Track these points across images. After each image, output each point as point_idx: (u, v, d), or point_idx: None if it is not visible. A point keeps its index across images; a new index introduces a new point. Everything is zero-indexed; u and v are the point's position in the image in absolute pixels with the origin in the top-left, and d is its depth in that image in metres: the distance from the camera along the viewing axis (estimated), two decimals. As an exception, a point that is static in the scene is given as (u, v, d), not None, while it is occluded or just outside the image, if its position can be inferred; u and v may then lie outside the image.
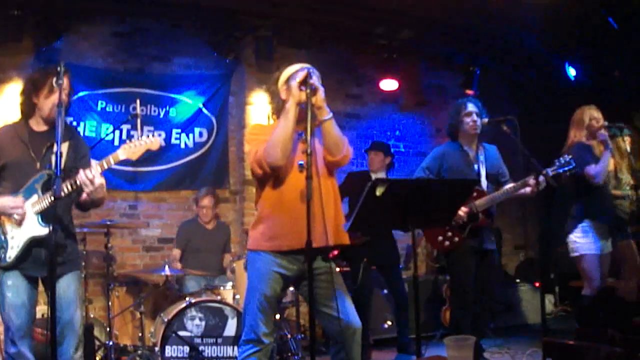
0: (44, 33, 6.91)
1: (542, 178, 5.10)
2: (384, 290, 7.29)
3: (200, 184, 7.52)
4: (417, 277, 4.16)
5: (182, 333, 5.57)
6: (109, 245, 6.26)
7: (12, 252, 3.82)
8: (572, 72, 8.98)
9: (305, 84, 3.60)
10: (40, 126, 4.05)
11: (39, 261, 3.86)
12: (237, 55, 7.95)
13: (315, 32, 8.44)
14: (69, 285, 3.96)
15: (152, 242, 7.66)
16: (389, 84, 8.80)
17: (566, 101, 6.04)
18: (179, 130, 7.78)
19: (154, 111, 7.69)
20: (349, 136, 4.01)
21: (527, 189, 5.34)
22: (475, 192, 5.45)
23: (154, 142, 4.07)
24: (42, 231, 3.82)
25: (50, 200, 3.78)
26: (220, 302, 5.80)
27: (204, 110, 7.98)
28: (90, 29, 7.42)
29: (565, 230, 5.73)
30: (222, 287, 6.18)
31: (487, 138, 5.75)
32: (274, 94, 3.99)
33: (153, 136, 4.08)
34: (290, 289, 5.49)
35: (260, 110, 7.84)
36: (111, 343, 5.99)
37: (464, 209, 5.34)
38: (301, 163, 3.45)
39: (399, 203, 3.78)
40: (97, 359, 6.03)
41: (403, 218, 3.96)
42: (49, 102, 3.94)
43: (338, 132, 3.81)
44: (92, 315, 6.51)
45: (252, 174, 3.92)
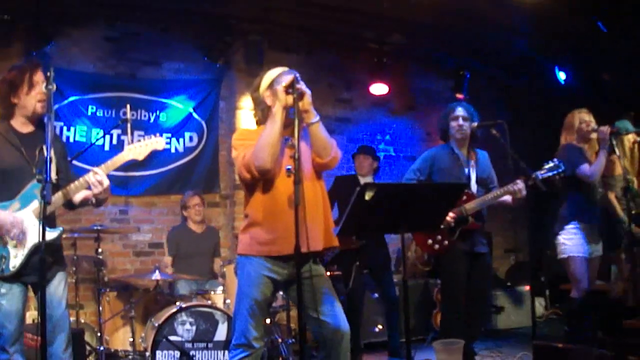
0: (34, 38, 6.90)
1: (520, 185, 5.12)
2: (375, 294, 7.30)
3: (191, 189, 7.50)
4: (407, 280, 4.17)
5: (172, 338, 5.55)
6: (100, 250, 6.25)
7: (15, 260, 3.76)
8: (562, 75, 9.02)
9: (292, 88, 3.60)
10: (24, 127, 3.97)
11: (36, 266, 3.80)
12: (227, 60, 7.97)
13: (305, 36, 8.47)
14: (59, 283, 3.95)
15: (143, 247, 7.65)
16: (379, 88, 8.81)
17: (556, 105, 6.07)
18: (169, 135, 7.76)
19: (145, 116, 7.67)
20: (339, 140, 4.03)
21: (508, 198, 5.35)
22: (465, 196, 5.45)
23: (159, 142, 4.20)
24: (48, 236, 3.73)
25: (58, 202, 3.83)
26: (210, 306, 5.79)
27: (194, 115, 7.98)
28: (80, 34, 7.40)
29: (553, 232, 5.75)
30: (212, 292, 6.18)
31: (477, 142, 5.76)
32: (257, 101, 3.99)
33: (156, 136, 4.17)
34: (281, 292, 5.49)
35: (250, 115, 7.82)
36: (102, 348, 5.98)
37: (451, 213, 5.34)
38: (289, 168, 3.45)
39: (388, 207, 3.79)
40: (88, 364, 6.02)
41: (392, 222, 3.98)
42: (30, 99, 3.88)
43: (326, 134, 3.81)
44: (82, 321, 6.49)
45: (239, 178, 3.91)
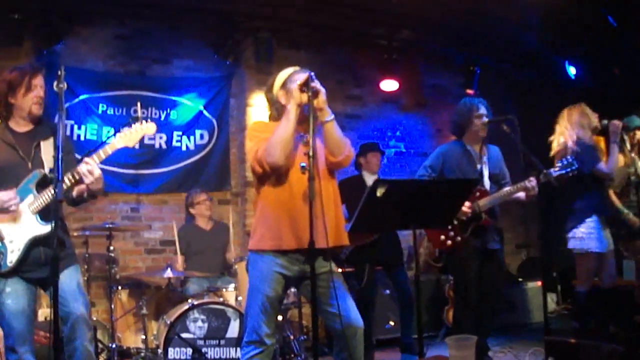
0: (44, 36, 6.92)
1: (533, 182, 5.10)
2: (387, 290, 7.30)
3: (202, 186, 7.52)
4: (419, 276, 4.16)
5: (184, 335, 5.57)
6: (111, 248, 6.25)
7: (12, 256, 3.79)
8: (572, 70, 9.00)
9: (306, 86, 3.61)
10: (21, 126, 4.03)
11: (38, 262, 3.84)
12: (237, 57, 7.97)
13: (315, 33, 8.46)
14: (72, 279, 3.96)
15: (154, 245, 7.66)
16: (389, 85, 8.80)
17: (566, 100, 6.02)
18: (180, 133, 7.78)
19: (155, 114, 7.68)
20: (349, 137, 4.01)
21: (522, 194, 5.34)
22: (478, 192, 5.47)
23: (149, 127, 4.12)
24: (44, 230, 3.81)
25: (47, 198, 3.81)
26: (222, 303, 5.80)
27: (205, 113, 7.99)
28: (90, 32, 7.43)
29: (567, 226, 5.72)
30: (224, 289, 6.20)
31: (487, 138, 5.74)
32: (272, 101, 4.01)
33: (147, 122, 4.11)
34: (293, 289, 5.50)
35: (260, 112, 7.84)
36: (114, 345, 6.00)
37: (467, 204, 5.32)
38: (303, 165, 3.46)
39: (399, 203, 3.79)
40: (100, 361, 6.05)
41: (404, 218, 3.98)
42: (27, 100, 3.95)
43: (339, 133, 3.83)
44: (95, 318, 6.50)
45: (252, 171, 3.92)
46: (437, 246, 5.73)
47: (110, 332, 6.15)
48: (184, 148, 7.85)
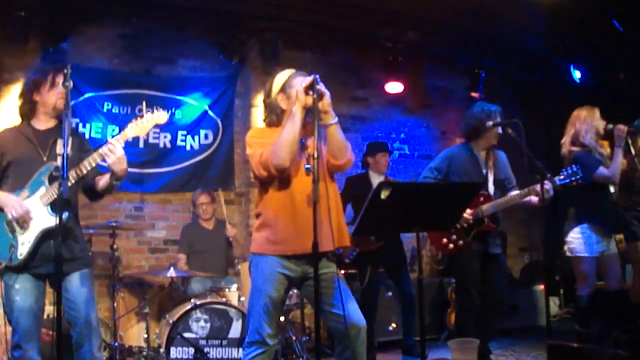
0: (50, 35, 6.93)
1: (548, 185, 5.09)
2: (389, 292, 7.30)
3: (206, 186, 7.51)
4: (422, 279, 4.16)
5: (187, 334, 5.59)
6: (115, 246, 6.26)
7: (23, 248, 3.80)
8: (577, 74, 8.99)
9: (312, 88, 3.61)
10: (43, 124, 4.07)
11: (48, 257, 3.83)
12: (243, 58, 7.97)
13: (320, 34, 8.47)
14: (83, 283, 3.97)
15: (158, 244, 7.67)
16: (394, 87, 8.80)
17: (571, 104, 6.02)
18: (184, 132, 7.79)
19: (160, 113, 7.68)
20: (353, 139, 4.03)
21: (534, 198, 5.34)
22: (482, 197, 5.50)
23: (161, 117, 4.16)
24: (55, 222, 3.73)
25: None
26: (225, 303, 5.81)
27: (210, 112, 7.99)
28: (96, 31, 7.43)
29: (564, 230, 5.72)
30: (227, 289, 6.20)
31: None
32: (271, 106, 3.97)
33: (158, 110, 4.15)
34: (295, 291, 5.50)
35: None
36: (116, 344, 6.01)
37: (469, 210, 5.36)
38: (308, 167, 3.46)
39: (403, 206, 3.79)
40: (103, 359, 6.05)
41: (407, 221, 3.97)
42: (51, 96, 3.98)
43: (342, 136, 3.83)
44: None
45: (254, 176, 3.92)
46: (440, 249, 5.76)
47: (113, 330, 6.16)
48: (189, 147, 7.86)
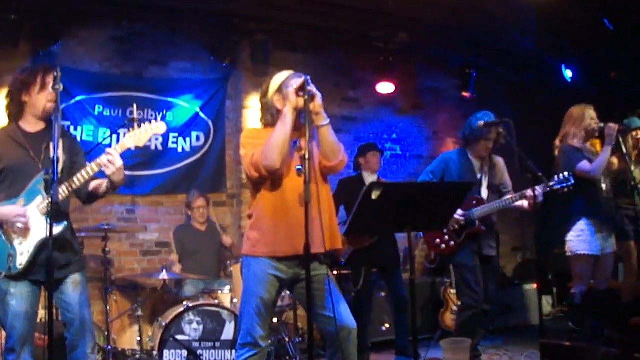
0: (40, 38, 6.90)
1: (539, 191, 5.12)
2: (381, 293, 7.30)
3: (198, 188, 7.51)
4: (414, 279, 4.16)
5: (180, 337, 5.58)
6: (107, 249, 6.26)
7: (22, 258, 3.77)
8: (568, 73, 9.01)
9: (303, 90, 3.61)
10: (32, 126, 3.99)
11: (45, 264, 3.78)
12: (234, 59, 7.95)
13: (311, 35, 8.47)
14: (77, 285, 3.96)
15: (150, 246, 7.65)
16: (385, 87, 8.80)
17: (563, 103, 6.03)
18: (176, 135, 7.77)
19: (151, 115, 7.64)
20: (345, 139, 4.03)
21: (525, 203, 5.37)
22: (475, 200, 5.58)
23: (159, 127, 4.08)
24: (56, 230, 3.73)
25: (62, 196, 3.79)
26: (217, 306, 5.81)
27: (201, 114, 7.98)
28: (87, 34, 7.41)
29: (563, 229, 5.73)
30: (219, 291, 6.20)
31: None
32: (267, 106, 4.00)
33: (157, 121, 4.07)
34: (288, 292, 5.50)
35: (257, 114, 7.81)
36: (109, 347, 5.99)
37: (460, 212, 5.40)
38: (299, 168, 3.45)
39: (394, 206, 3.79)
40: (95, 363, 6.02)
41: (399, 221, 3.98)
42: (42, 98, 3.90)
43: (334, 137, 3.83)
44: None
45: (247, 177, 3.92)
46: (432, 249, 5.80)
47: (106, 334, 6.14)
48: (180, 150, 7.84)
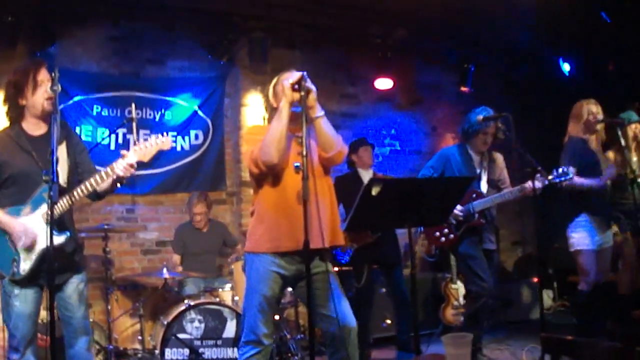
0: (38, 38, 6.89)
1: (538, 184, 5.13)
2: (382, 289, 7.30)
3: (197, 187, 7.51)
4: (415, 274, 4.17)
5: (181, 336, 5.58)
6: (107, 249, 6.26)
7: (25, 264, 3.77)
8: (566, 67, 9.01)
9: (299, 85, 3.62)
10: (35, 129, 3.96)
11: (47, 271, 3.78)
12: (232, 58, 7.94)
13: (309, 32, 8.46)
14: (78, 284, 3.97)
15: (150, 245, 7.65)
16: (383, 83, 8.79)
17: (561, 97, 6.05)
18: (174, 133, 7.74)
19: (150, 114, 7.67)
20: (344, 135, 4.01)
21: (527, 189, 5.37)
22: (474, 194, 5.60)
23: (165, 142, 4.09)
24: (58, 240, 3.72)
25: (62, 207, 3.78)
26: (219, 304, 5.81)
27: (200, 113, 7.98)
28: (84, 34, 7.40)
29: (563, 223, 5.74)
30: (221, 289, 6.20)
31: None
32: (267, 104, 4.05)
33: (163, 136, 4.07)
34: (289, 289, 5.50)
35: (255, 112, 7.84)
36: (111, 347, 6.00)
37: (460, 207, 5.43)
38: (297, 165, 3.46)
39: (394, 202, 3.79)
40: (97, 362, 6.04)
41: (399, 216, 3.98)
42: (38, 98, 3.86)
43: (330, 128, 3.83)
44: (91, 319, 6.48)
45: (250, 174, 3.94)
46: (432, 242, 5.82)
47: (107, 333, 6.15)
48: (179, 148, 7.84)
